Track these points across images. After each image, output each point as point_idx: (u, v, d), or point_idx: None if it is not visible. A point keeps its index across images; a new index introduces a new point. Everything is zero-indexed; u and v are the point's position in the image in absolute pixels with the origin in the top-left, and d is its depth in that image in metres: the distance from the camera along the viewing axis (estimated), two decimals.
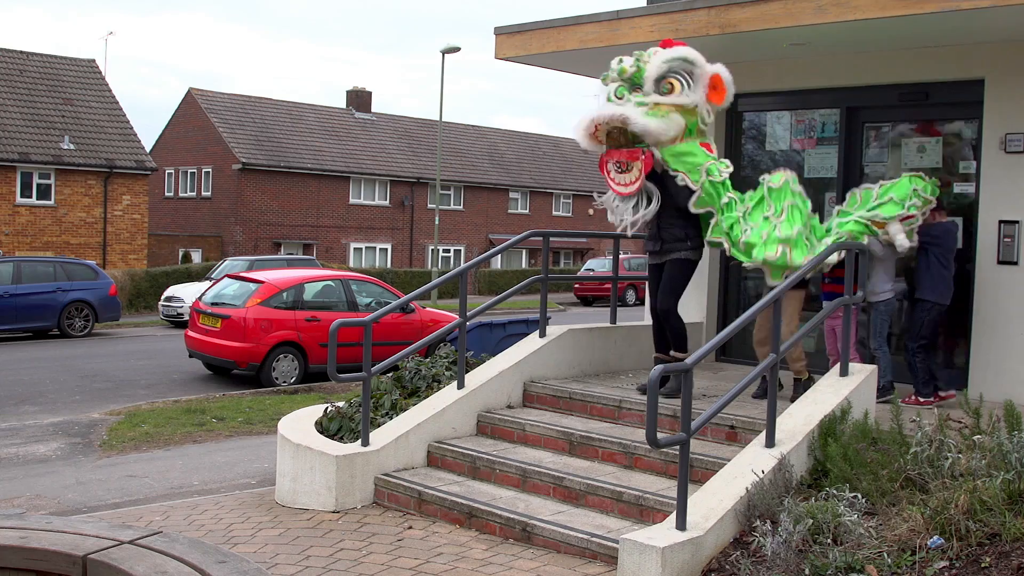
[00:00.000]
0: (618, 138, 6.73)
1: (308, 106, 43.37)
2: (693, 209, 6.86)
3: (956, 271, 8.14)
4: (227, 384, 14.39)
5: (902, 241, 7.09)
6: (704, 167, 6.71)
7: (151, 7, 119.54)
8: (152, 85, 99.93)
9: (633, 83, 6.72)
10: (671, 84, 6.66)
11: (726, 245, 6.82)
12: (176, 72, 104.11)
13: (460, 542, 5.84)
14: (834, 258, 6.75)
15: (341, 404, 7.63)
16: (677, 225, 6.95)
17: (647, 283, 7.33)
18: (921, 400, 7.40)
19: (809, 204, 6.89)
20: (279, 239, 38.82)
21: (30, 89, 32.13)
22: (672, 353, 7.12)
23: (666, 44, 6.86)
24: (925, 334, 7.45)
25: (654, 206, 6.85)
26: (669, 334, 7.14)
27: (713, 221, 6.87)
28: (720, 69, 6.87)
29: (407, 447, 6.89)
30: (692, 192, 6.76)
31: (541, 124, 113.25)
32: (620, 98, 6.69)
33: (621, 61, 6.79)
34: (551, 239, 8.69)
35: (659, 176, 6.85)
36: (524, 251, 46.13)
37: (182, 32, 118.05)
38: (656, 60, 6.69)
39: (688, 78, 6.69)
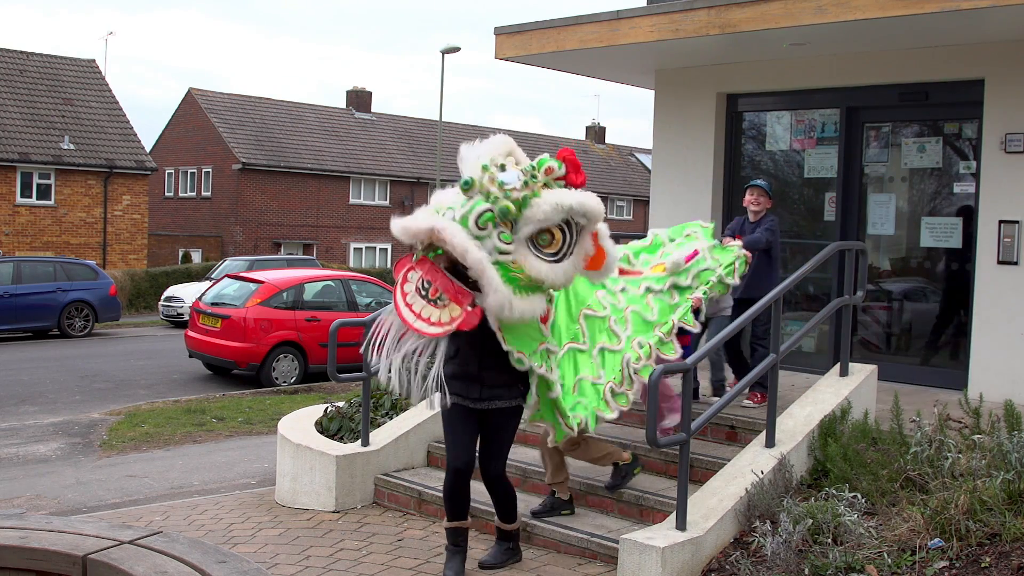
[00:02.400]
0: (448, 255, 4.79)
1: (308, 106, 43.37)
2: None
3: (956, 270, 8.17)
4: (227, 384, 14.39)
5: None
6: (538, 353, 5.11)
7: (144, 5, 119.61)
8: (146, 84, 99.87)
9: (506, 209, 4.74)
10: (551, 236, 4.84)
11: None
12: (170, 71, 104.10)
13: None
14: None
15: (341, 404, 7.63)
16: (503, 368, 5.10)
17: (450, 428, 5.27)
18: (761, 397, 6.72)
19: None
20: (279, 239, 38.81)
21: (30, 89, 32.12)
22: (499, 524, 5.53)
23: (567, 157, 5.06)
24: (767, 329, 6.62)
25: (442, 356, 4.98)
26: (497, 500, 5.46)
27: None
28: (607, 243, 5.10)
29: (407, 447, 6.88)
30: None
31: (540, 124, 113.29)
32: (483, 228, 4.69)
33: (504, 168, 4.84)
34: None
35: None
36: None
37: (175, 30, 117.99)
38: (552, 202, 4.79)
39: (573, 235, 4.91)
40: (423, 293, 4.78)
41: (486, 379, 5.16)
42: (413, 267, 4.85)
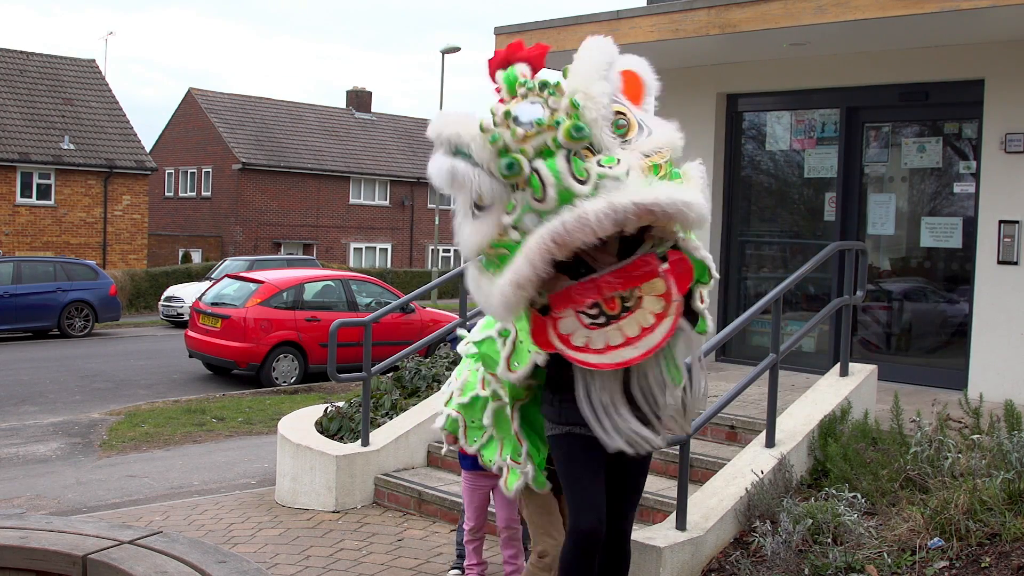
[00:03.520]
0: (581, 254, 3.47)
1: (308, 106, 43.39)
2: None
3: (956, 270, 8.17)
4: (227, 384, 14.39)
5: None
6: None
7: (140, 4, 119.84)
8: (144, 83, 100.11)
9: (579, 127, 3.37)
10: (621, 115, 3.59)
11: None
12: (167, 70, 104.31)
13: None
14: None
15: (341, 404, 7.63)
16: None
17: (577, 470, 3.77)
18: None
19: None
20: (279, 239, 38.82)
21: (30, 89, 32.13)
22: None
23: (512, 54, 3.71)
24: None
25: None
26: (622, 571, 4.04)
27: None
28: (632, 61, 3.95)
29: (407, 447, 6.88)
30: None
31: None
32: (583, 178, 3.34)
33: (510, 115, 3.43)
34: None
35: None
36: None
37: (172, 29, 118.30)
38: (582, 80, 3.53)
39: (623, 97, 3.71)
40: (601, 321, 3.46)
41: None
42: (553, 319, 3.51)
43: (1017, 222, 7.45)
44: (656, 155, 3.49)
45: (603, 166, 3.37)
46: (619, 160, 3.39)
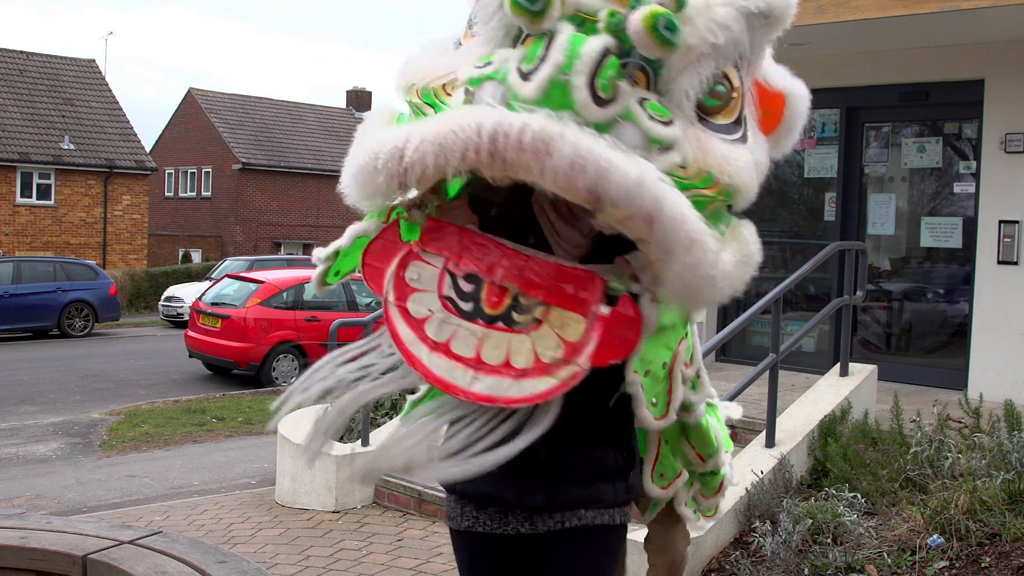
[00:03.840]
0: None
1: (308, 106, 43.39)
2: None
3: (956, 270, 8.16)
4: (227, 384, 14.39)
5: None
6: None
7: (138, 3, 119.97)
8: (142, 83, 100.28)
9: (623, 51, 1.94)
10: (728, 83, 2.18)
11: None
12: (165, 70, 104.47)
13: None
14: None
15: None
16: (603, 435, 2.36)
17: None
18: None
19: None
20: (279, 239, 38.83)
21: (30, 89, 32.13)
22: None
23: None
24: None
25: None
26: None
27: None
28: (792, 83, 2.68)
29: None
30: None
31: None
32: (609, 99, 1.92)
33: None
34: None
35: None
36: None
37: (170, 29, 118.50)
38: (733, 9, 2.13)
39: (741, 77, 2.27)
40: (467, 309, 2.09)
41: (575, 460, 2.33)
42: (412, 253, 2.18)
43: (1017, 222, 7.45)
44: (717, 171, 2.13)
45: (647, 109, 1.99)
46: (672, 122, 2.01)
